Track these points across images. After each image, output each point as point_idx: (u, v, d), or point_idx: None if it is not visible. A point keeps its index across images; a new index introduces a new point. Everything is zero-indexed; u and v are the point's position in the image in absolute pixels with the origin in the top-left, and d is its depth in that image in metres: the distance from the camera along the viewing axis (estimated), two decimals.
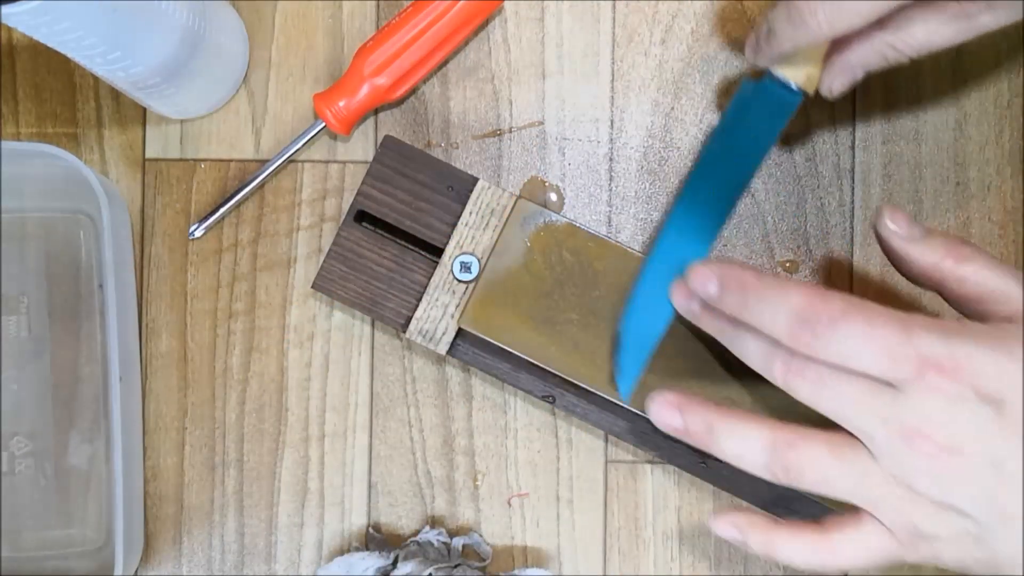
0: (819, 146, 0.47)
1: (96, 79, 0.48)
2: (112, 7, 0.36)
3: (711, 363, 0.42)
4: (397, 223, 0.44)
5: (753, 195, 0.47)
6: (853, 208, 0.47)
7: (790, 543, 0.35)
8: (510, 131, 0.48)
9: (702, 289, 0.36)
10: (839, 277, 0.47)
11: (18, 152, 0.42)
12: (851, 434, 0.33)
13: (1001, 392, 0.31)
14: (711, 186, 0.42)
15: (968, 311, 0.35)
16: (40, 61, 0.48)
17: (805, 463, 0.33)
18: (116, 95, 0.48)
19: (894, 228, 0.36)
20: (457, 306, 0.43)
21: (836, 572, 0.34)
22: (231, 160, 0.48)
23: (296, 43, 0.48)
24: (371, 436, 0.47)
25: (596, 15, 0.48)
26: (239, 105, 0.48)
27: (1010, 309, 0.33)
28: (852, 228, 0.47)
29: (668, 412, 0.36)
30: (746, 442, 0.34)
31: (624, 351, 0.41)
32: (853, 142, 0.47)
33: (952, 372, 0.31)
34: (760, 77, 0.42)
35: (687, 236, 0.41)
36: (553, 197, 0.48)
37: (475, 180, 0.44)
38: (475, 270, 0.43)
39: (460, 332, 0.44)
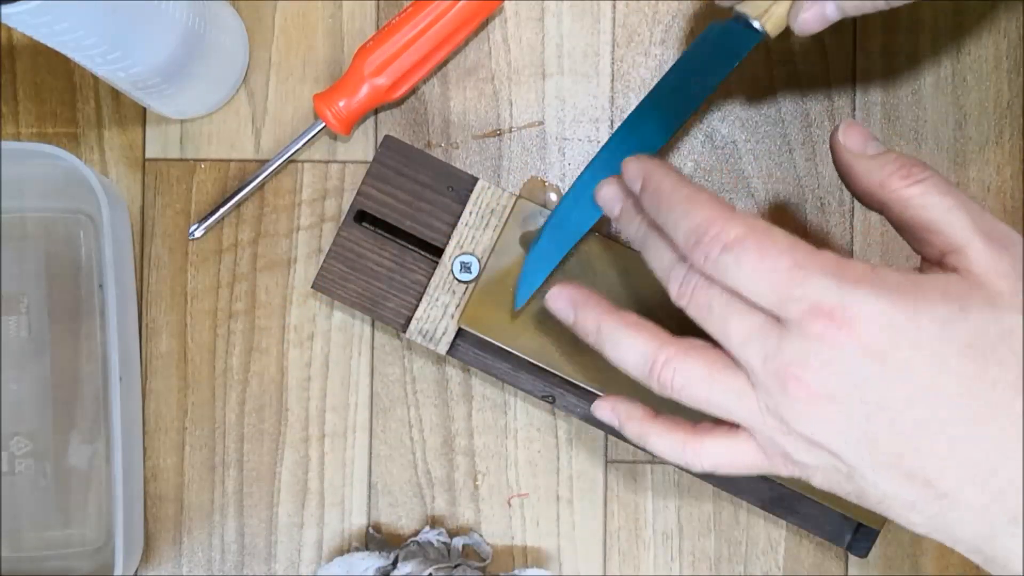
0: (819, 146, 0.47)
1: (96, 79, 0.48)
2: (112, 7, 0.36)
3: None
4: (397, 223, 0.44)
5: (753, 195, 0.47)
6: (853, 208, 0.47)
7: (661, 437, 0.35)
8: (510, 131, 0.48)
9: (629, 182, 0.35)
10: None
11: (18, 152, 0.42)
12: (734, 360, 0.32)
13: (886, 347, 0.29)
14: (656, 112, 0.41)
15: (912, 242, 0.34)
16: (40, 61, 0.48)
17: (680, 380, 0.33)
18: (116, 95, 0.48)
19: (844, 143, 0.34)
20: (457, 306, 0.43)
21: (700, 471, 0.34)
22: (231, 160, 0.48)
23: (296, 43, 0.48)
24: (371, 436, 0.47)
25: (596, 15, 0.48)
26: (239, 105, 0.48)
27: (947, 243, 0.31)
28: (852, 228, 0.47)
29: (563, 304, 0.36)
30: (628, 350, 0.34)
31: (534, 254, 0.41)
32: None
33: (840, 321, 0.29)
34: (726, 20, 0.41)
35: (624, 153, 0.39)
36: (553, 197, 0.48)
37: (475, 180, 0.44)
38: (475, 270, 0.43)
39: (460, 332, 0.44)
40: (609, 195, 0.36)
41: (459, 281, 0.43)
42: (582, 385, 0.43)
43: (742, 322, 0.31)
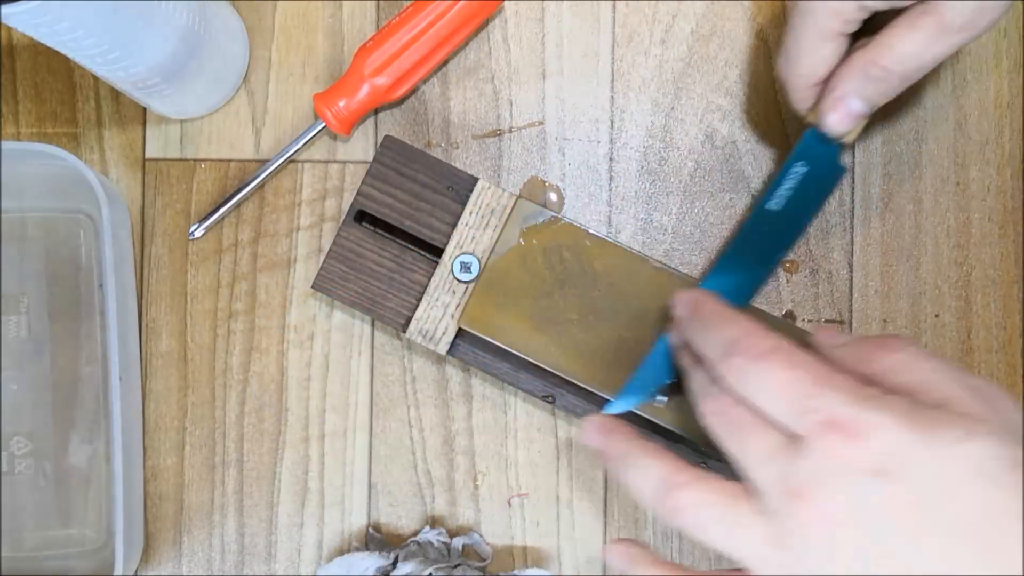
0: None
1: (96, 79, 0.48)
2: (112, 7, 0.36)
3: None
4: (397, 223, 0.44)
5: (753, 195, 0.47)
6: (853, 208, 0.47)
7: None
8: (510, 131, 0.48)
9: (680, 311, 0.38)
10: (839, 277, 0.47)
11: (18, 152, 0.42)
12: (746, 489, 0.32)
13: (896, 466, 0.29)
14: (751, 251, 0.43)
15: None
16: (40, 61, 0.48)
17: (686, 506, 0.33)
18: (116, 95, 0.48)
19: (821, 341, 0.35)
20: (457, 306, 0.43)
21: None
22: (231, 160, 0.48)
23: (296, 43, 0.48)
24: (371, 436, 0.47)
25: (596, 15, 0.48)
26: (239, 105, 0.48)
27: (936, 399, 0.31)
28: (852, 228, 0.47)
29: (594, 434, 0.37)
30: (643, 475, 0.34)
31: (636, 381, 0.42)
32: (853, 142, 0.47)
33: (852, 434, 0.30)
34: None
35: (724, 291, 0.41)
36: (553, 197, 0.48)
37: (475, 180, 0.44)
38: (475, 270, 0.43)
39: (460, 332, 0.44)
40: (684, 306, 0.38)
41: (459, 281, 0.43)
42: (582, 385, 0.43)
43: (760, 440, 0.32)
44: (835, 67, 0.40)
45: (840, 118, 0.40)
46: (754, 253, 0.43)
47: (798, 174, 0.42)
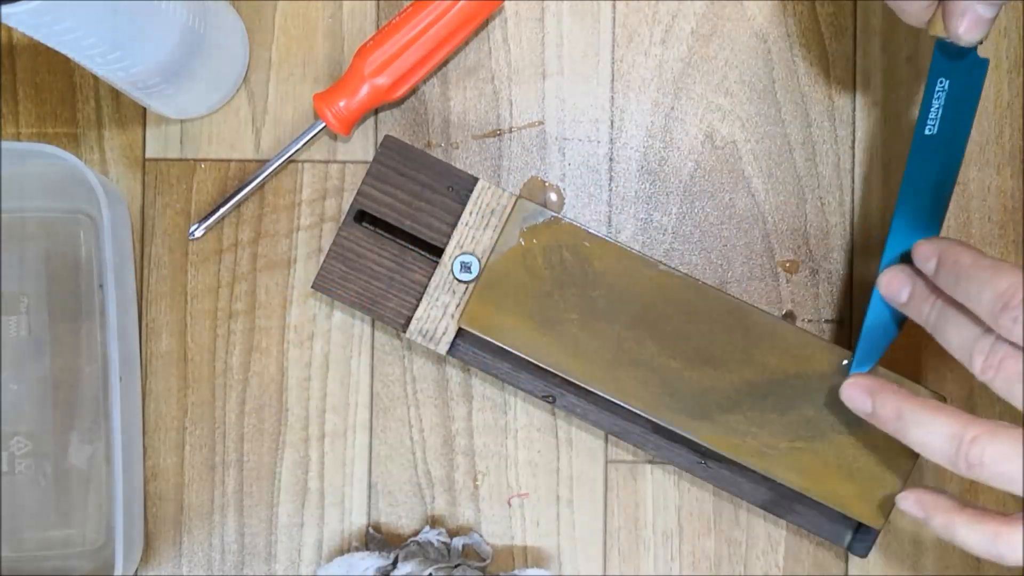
0: (819, 146, 0.47)
1: (96, 79, 0.48)
2: (112, 7, 0.36)
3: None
4: (397, 223, 0.44)
5: (753, 195, 0.47)
6: (853, 208, 0.47)
7: (971, 529, 0.35)
8: (510, 131, 0.48)
9: (922, 261, 0.37)
10: (839, 277, 0.47)
11: (18, 152, 0.42)
12: None
13: None
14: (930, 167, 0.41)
15: None
16: (40, 61, 0.48)
17: (987, 459, 0.33)
18: (116, 95, 0.48)
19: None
20: (457, 306, 0.43)
21: (1014, 565, 0.34)
22: (231, 160, 0.48)
23: (296, 43, 0.48)
24: (371, 436, 0.47)
25: (596, 15, 0.48)
26: (239, 105, 0.48)
27: None
28: (852, 228, 0.47)
29: (859, 395, 0.37)
30: (932, 433, 0.35)
31: (863, 342, 0.41)
32: (853, 142, 0.47)
33: None
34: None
35: (913, 230, 0.41)
36: (553, 197, 0.48)
37: (475, 180, 0.44)
38: (475, 270, 0.43)
39: (460, 332, 0.44)
40: (894, 283, 0.38)
41: (459, 281, 0.43)
42: (582, 385, 0.43)
43: None
44: None
45: (970, 27, 0.38)
46: (930, 180, 0.41)
47: (943, 91, 0.41)
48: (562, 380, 0.43)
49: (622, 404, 0.42)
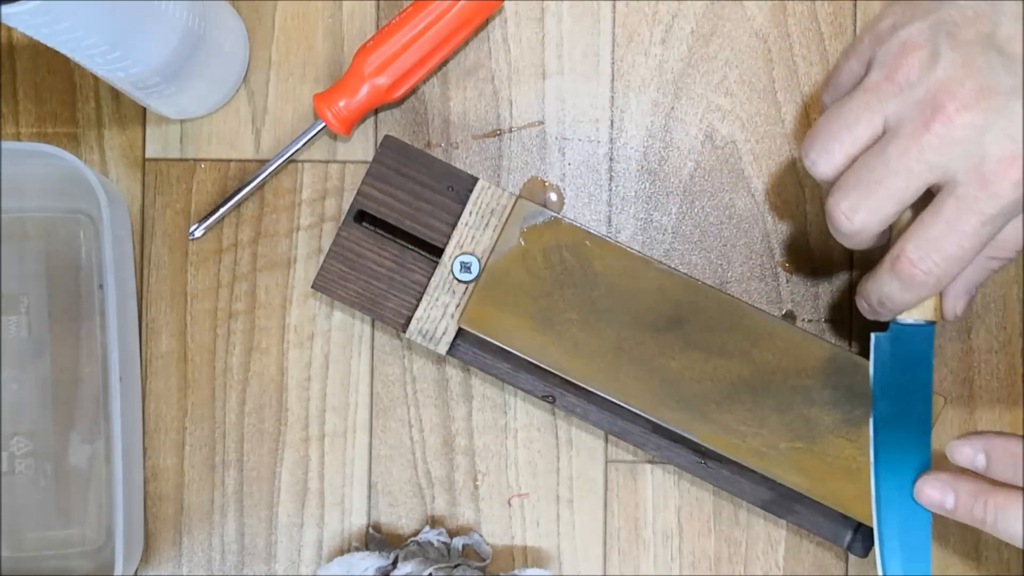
0: None
1: (96, 79, 0.48)
2: (112, 7, 0.36)
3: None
4: (397, 223, 0.44)
5: (753, 195, 0.47)
6: None
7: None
8: (510, 131, 0.48)
9: (970, 461, 0.37)
10: (839, 277, 0.47)
11: (18, 152, 0.42)
12: None
13: None
14: (900, 445, 0.41)
15: None
16: (40, 61, 0.48)
17: None
18: (116, 95, 0.48)
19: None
20: (457, 306, 0.43)
21: None
22: (231, 160, 0.48)
23: (296, 43, 0.48)
24: (371, 436, 0.47)
25: (596, 15, 0.48)
26: (239, 105, 0.48)
27: None
28: None
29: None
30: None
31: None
32: None
33: None
34: (884, 326, 0.40)
35: (896, 487, 0.40)
36: (553, 197, 0.48)
37: (475, 180, 0.44)
38: (475, 270, 0.43)
39: (460, 332, 0.44)
40: (936, 494, 0.38)
41: (459, 281, 0.43)
42: (582, 385, 0.43)
43: None
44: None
45: (964, 304, 0.40)
46: (903, 443, 0.41)
47: (892, 357, 0.41)
48: (562, 380, 0.43)
49: (622, 404, 0.42)
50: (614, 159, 0.48)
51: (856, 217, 0.36)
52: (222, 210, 0.47)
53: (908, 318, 0.39)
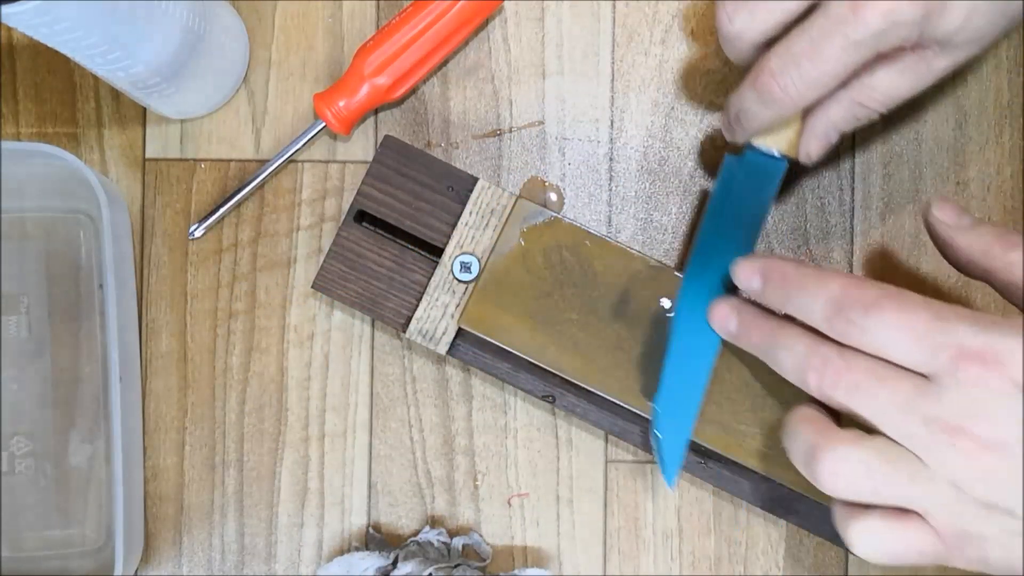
0: None
1: (96, 79, 0.48)
2: (112, 7, 0.36)
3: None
4: (397, 223, 0.44)
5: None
6: (853, 208, 0.47)
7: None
8: (510, 131, 0.48)
9: (747, 284, 0.36)
10: None
11: (18, 152, 0.42)
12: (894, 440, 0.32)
13: None
14: (714, 264, 0.41)
15: (1018, 299, 0.35)
16: (40, 61, 0.48)
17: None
18: (116, 95, 0.48)
19: (941, 217, 0.36)
20: (457, 306, 0.43)
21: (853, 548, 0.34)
22: (231, 160, 0.48)
23: (296, 43, 0.48)
24: (371, 436, 0.48)
25: (596, 15, 0.48)
26: (239, 105, 0.48)
27: None
28: (852, 228, 0.47)
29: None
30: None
31: (664, 436, 0.41)
32: (853, 142, 0.47)
33: (991, 364, 0.30)
34: (741, 150, 0.41)
35: (697, 303, 0.40)
36: (553, 197, 0.48)
37: (475, 180, 0.44)
38: (475, 270, 0.43)
39: (460, 332, 0.44)
40: (721, 316, 0.38)
41: (459, 281, 0.43)
42: (582, 385, 0.43)
43: (895, 390, 0.31)
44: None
45: (820, 147, 0.40)
46: (718, 267, 0.41)
47: (737, 180, 0.41)
48: (562, 380, 0.43)
49: (622, 404, 0.42)
50: (614, 159, 0.48)
51: (737, 18, 0.36)
52: (222, 210, 0.47)
53: (763, 146, 0.40)
